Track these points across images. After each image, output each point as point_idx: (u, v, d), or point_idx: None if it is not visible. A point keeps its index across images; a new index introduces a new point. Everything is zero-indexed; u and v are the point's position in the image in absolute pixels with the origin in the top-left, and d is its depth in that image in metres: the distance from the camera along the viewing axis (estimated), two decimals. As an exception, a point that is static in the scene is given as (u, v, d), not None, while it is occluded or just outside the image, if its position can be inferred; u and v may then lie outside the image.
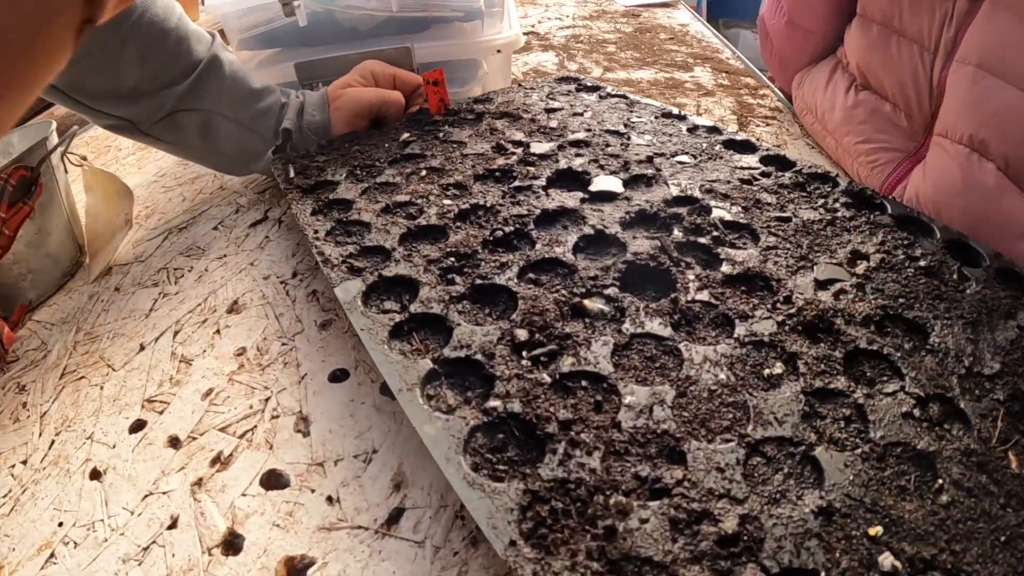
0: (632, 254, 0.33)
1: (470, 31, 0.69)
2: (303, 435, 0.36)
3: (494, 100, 0.61)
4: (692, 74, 0.89)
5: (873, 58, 0.55)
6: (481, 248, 0.35)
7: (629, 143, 0.47)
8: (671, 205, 0.38)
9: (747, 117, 0.73)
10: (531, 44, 1.14)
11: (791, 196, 0.40)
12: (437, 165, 0.46)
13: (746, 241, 0.35)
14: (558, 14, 1.43)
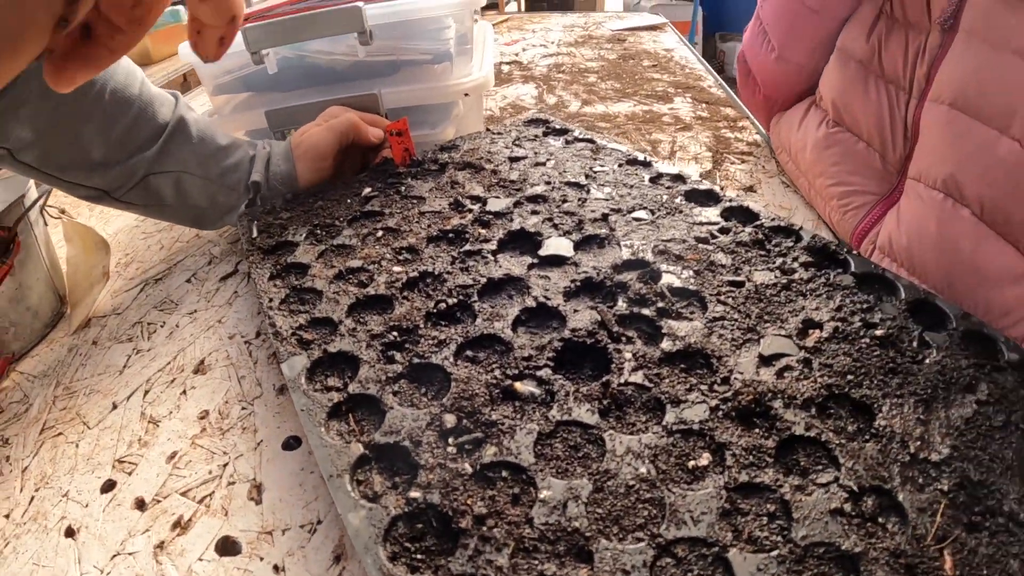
0: (570, 330, 0.33)
1: (440, 73, 0.69)
2: (255, 503, 0.36)
3: (460, 148, 0.61)
4: (671, 106, 0.89)
5: (849, 95, 0.54)
6: (423, 322, 0.35)
7: (587, 197, 0.47)
8: (620, 270, 0.37)
9: (723, 153, 0.72)
10: (512, 75, 1.14)
11: (748, 255, 0.39)
12: (393, 225, 0.46)
13: (694, 310, 0.35)
14: (544, 40, 1.43)
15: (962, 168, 0.44)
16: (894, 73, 0.51)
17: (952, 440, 0.27)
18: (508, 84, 1.07)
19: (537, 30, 1.56)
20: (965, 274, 0.43)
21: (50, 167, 0.50)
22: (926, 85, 0.49)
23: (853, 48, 0.55)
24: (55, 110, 0.48)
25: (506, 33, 1.56)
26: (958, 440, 0.27)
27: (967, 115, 0.44)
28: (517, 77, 1.12)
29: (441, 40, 0.68)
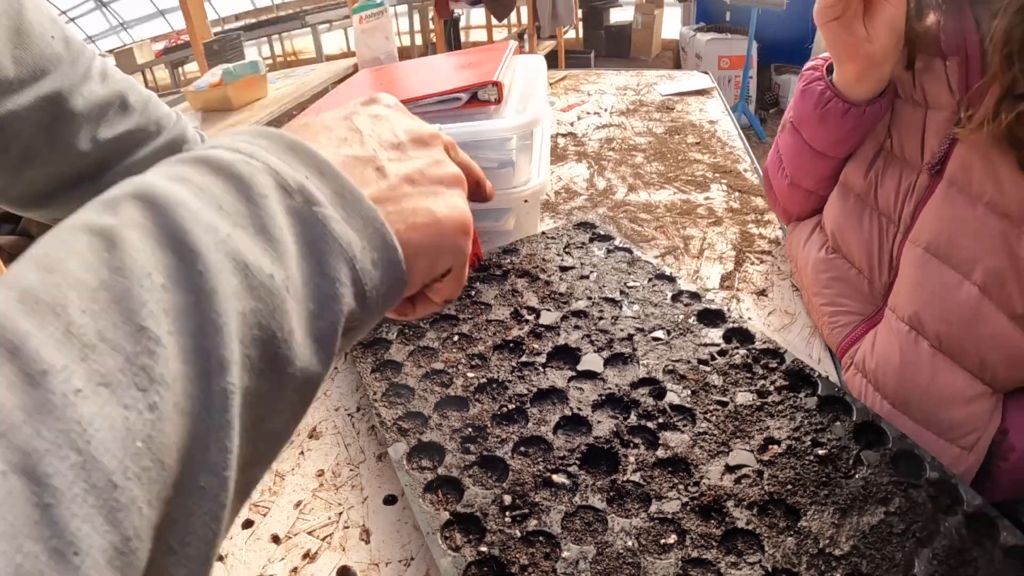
0: (594, 437, 0.49)
1: (503, 177, 0.86)
2: (365, 542, 0.52)
3: (519, 252, 0.78)
4: (708, 195, 1.04)
5: (846, 225, 0.68)
6: (490, 422, 0.51)
7: (619, 314, 0.63)
8: (636, 387, 0.53)
9: (745, 252, 0.87)
10: (567, 151, 1.31)
11: (736, 377, 0.54)
12: (466, 331, 0.63)
13: (686, 424, 0.50)
14: (598, 106, 1.59)
15: (926, 306, 0.57)
16: (886, 207, 0.64)
17: (855, 541, 0.41)
18: (563, 163, 1.24)
19: (592, 92, 1.73)
20: (922, 397, 0.57)
21: None
22: (911, 223, 0.61)
23: (853, 183, 0.69)
24: None
25: (563, 96, 1.74)
26: (860, 541, 0.41)
27: (937, 259, 0.56)
28: (571, 154, 1.28)
29: (505, 151, 0.85)
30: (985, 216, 0.53)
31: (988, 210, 0.53)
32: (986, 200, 0.53)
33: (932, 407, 0.56)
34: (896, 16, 0.58)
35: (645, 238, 0.92)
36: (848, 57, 0.62)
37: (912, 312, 0.57)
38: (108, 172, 0.56)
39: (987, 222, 0.53)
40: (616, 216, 0.99)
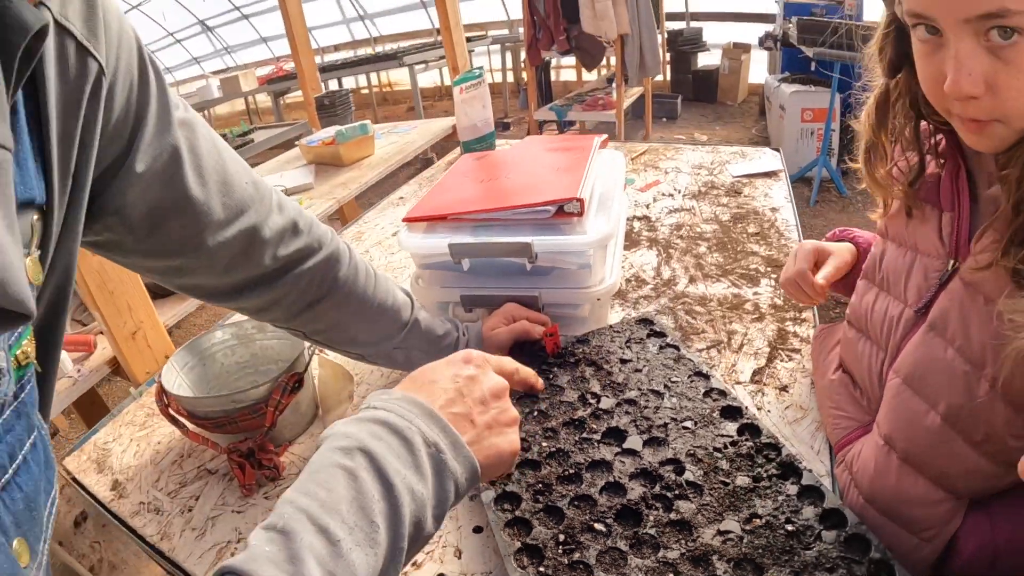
0: (627, 499, 0.72)
1: (581, 276, 1.11)
2: (457, 558, 0.77)
3: (590, 343, 1.02)
4: (756, 290, 1.25)
5: (849, 352, 0.88)
6: (555, 481, 0.75)
7: (661, 404, 0.86)
8: (663, 464, 0.76)
9: (778, 350, 1.08)
10: (640, 236, 1.54)
11: (740, 464, 0.76)
12: (544, 408, 0.87)
13: (695, 496, 0.72)
14: (673, 186, 1.83)
15: (897, 428, 0.71)
16: (876, 337, 0.80)
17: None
18: (636, 249, 1.48)
19: (669, 170, 1.97)
20: (890, 497, 0.75)
21: (332, 343, 0.94)
22: (896, 354, 0.75)
23: (852, 312, 0.88)
24: (347, 319, 0.91)
25: (643, 172, 1.98)
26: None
27: (911, 389, 0.70)
28: (644, 240, 1.52)
29: (584, 257, 1.10)
30: (954, 359, 0.66)
31: (957, 354, 0.66)
32: (957, 345, 0.66)
33: (897, 506, 0.74)
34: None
35: (696, 331, 1.14)
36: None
37: (887, 431, 0.74)
38: (283, 278, 0.81)
39: (955, 364, 0.66)
40: (675, 308, 1.22)
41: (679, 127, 6.39)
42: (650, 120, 5.94)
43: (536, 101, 5.57)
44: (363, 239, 1.78)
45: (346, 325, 0.90)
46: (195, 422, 0.95)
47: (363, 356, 0.97)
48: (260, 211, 0.75)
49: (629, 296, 1.28)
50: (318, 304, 0.85)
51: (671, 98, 6.70)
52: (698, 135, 6.02)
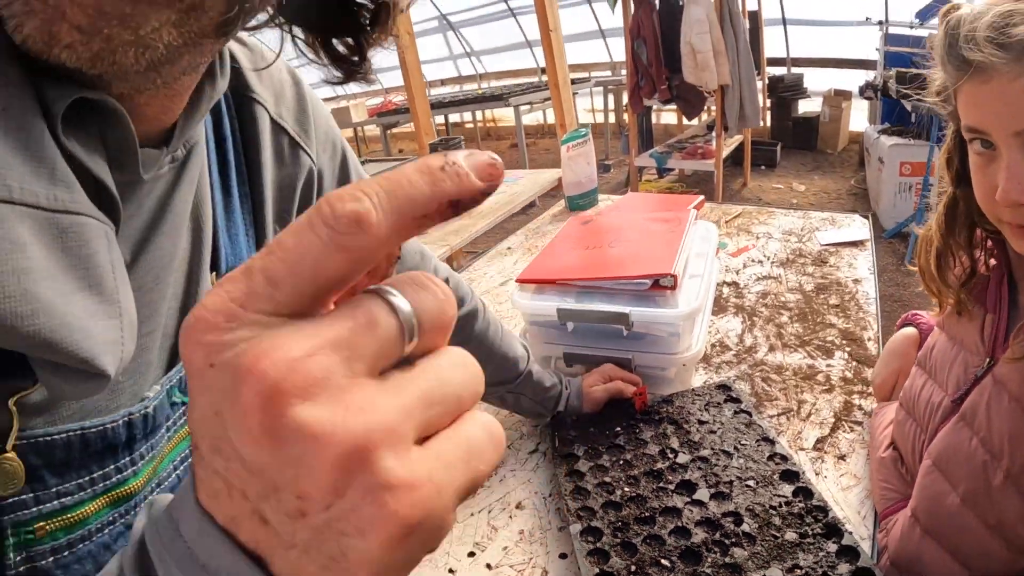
0: (691, 542, 0.87)
1: (670, 343, 1.26)
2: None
3: (673, 403, 1.17)
4: (829, 362, 1.36)
5: (898, 431, 1.00)
6: (633, 522, 0.91)
7: (729, 464, 1.01)
8: (724, 516, 0.91)
9: (842, 421, 1.19)
10: (728, 302, 1.67)
11: (790, 522, 0.90)
12: (629, 458, 1.03)
13: (748, 545, 0.87)
14: (763, 253, 1.95)
15: (922, 505, 0.81)
16: (922, 420, 0.91)
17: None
18: (723, 315, 1.62)
19: (761, 235, 2.09)
20: (912, 563, 0.87)
21: None
22: (932, 437, 0.85)
23: (903, 394, 1.00)
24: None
25: (735, 236, 2.11)
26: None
27: (938, 471, 0.80)
28: (731, 306, 1.65)
29: (674, 327, 1.25)
30: (976, 448, 0.75)
31: (980, 444, 0.75)
32: (981, 436, 0.75)
33: (918, 571, 0.87)
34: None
35: (770, 397, 1.27)
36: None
37: (915, 506, 0.86)
38: None
39: (977, 453, 0.75)
40: (753, 375, 1.35)
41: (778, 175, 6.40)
42: (748, 168, 5.99)
43: (637, 147, 5.73)
44: (474, 285, 1.99)
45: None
46: None
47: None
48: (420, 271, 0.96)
49: (713, 360, 1.43)
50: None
51: (771, 145, 6.71)
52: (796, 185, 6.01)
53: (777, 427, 1.17)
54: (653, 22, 5.09)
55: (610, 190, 6.63)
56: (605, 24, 8.52)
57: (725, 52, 4.78)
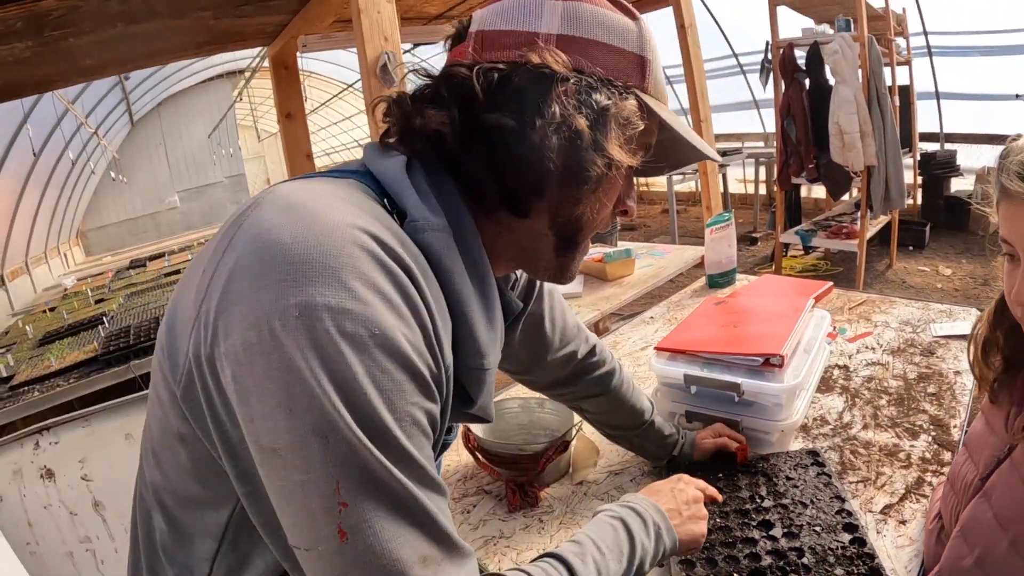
0: (759, 564, 1.13)
1: (772, 411, 1.52)
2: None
3: (768, 460, 1.44)
4: (913, 444, 1.54)
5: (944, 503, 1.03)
6: (718, 544, 1.19)
7: (803, 512, 1.26)
8: (790, 550, 1.16)
9: (912, 493, 1.39)
10: (835, 383, 1.89)
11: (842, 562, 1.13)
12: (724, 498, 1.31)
13: (804, 573, 1.12)
14: (878, 340, 2.12)
15: (944, 566, 0.91)
16: (959, 493, 0.98)
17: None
18: (828, 393, 1.83)
19: (879, 323, 2.26)
20: None
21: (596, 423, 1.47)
22: (963, 509, 0.93)
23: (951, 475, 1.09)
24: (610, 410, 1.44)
25: (855, 323, 2.30)
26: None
27: (962, 538, 0.88)
28: (837, 387, 1.87)
29: (778, 399, 1.51)
30: (992, 521, 0.85)
31: (993, 515, 0.85)
32: (995, 510, 0.85)
33: None
34: None
35: (853, 467, 1.50)
36: None
37: (940, 566, 0.95)
38: (581, 379, 1.37)
39: (991, 525, 0.85)
40: (843, 447, 1.58)
41: (925, 257, 6.23)
42: (895, 249, 5.91)
43: (783, 223, 5.84)
44: (617, 347, 2.31)
45: (608, 414, 1.44)
46: (486, 456, 1.51)
47: (612, 437, 1.50)
48: (577, 342, 1.34)
49: (811, 431, 1.66)
50: (595, 397, 1.40)
51: (920, 225, 6.53)
52: (943, 268, 5.85)
53: (853, 492, 1.40)
54: (803, 101, 5.24)
55: (756, 263, 6.73)
56: (759, 95, 8.65)
57: (872, 133, 4.84)
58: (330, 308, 0.57)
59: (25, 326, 4.50)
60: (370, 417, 0.58)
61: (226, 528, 0.71)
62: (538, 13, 0.73)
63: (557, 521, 1.42)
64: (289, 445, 0.57)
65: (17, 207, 7.58)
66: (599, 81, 0.73)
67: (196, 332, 0.62)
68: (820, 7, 5.52)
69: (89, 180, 11.66)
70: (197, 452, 0.68)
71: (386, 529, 0.58)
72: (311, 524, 0.58)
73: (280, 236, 0.59)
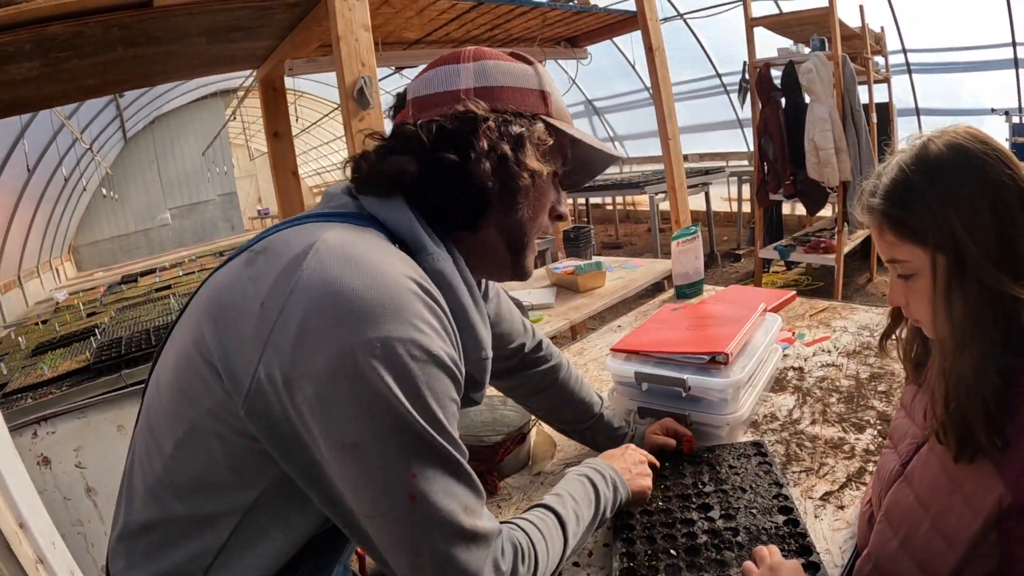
0: (696, 542, 1.20)
1: (719, 406, 1.59)
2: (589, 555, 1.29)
3: (714, 451, 1.51)
4: (859, 437, 1.60)
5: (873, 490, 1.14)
6: (658, 524, 1.26)
7: (742, 496, 1.33)
8: (726, 530, 1.23)
9: (853, 481, 1.46)
10: (788, 383, 1.96)
11: (775, 540, 1.21)
12: (668, 484, 1.38)
13: (737, 551, 1.18)
14: (834, 345, 2.18)
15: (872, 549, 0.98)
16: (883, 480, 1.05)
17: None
18: (780, 393, 1.90)
19: (838, 328, 2.34)
20: None
21: (547, 419, 1.55)
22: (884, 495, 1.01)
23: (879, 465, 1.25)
24: (560, 404, 1.51)
25: (815, 328, 2.38)
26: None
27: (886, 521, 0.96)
28: (790, 387, 1.94)
29: (724, 393, 1.58)
30: (912, 502, 0.92)
31: (914, 498, 0.92)
32: (915, 494, 0.92)
33: None
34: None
35: (797, 459, 1.56)
36: None
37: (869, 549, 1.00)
38: (526, 371, 1.46)
39: (914, 506, 0.92)
40: (790, 440, 1.64)
41: (906, 270, 6.33)
42: (875, 263, 6.03)
43: (762, 239, 5.94)
44: (584, 353, 2.39)
45: (558, 409, 1.52)
46: None
47: (565, 431, 1.57)
48: (524, 337, 1.43)
49: (761, 427, 1.73)
50: (544, 391, 1.48)
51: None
52: (924, 280, 5.94)
53: (796, 480, 1.46)
54: (779, 119, 5.35)
55: (739, 279, 6.83)
56: (743, 114, 8.80)
57: (847, 149, 4.96)
58: (402, 340, 0.76)
59: (18, 337, 4.54)
60: (428, 410, 0.78)
61: (252, 505, 0.84)
62: (455, 76, 0.95)
63: (514, 507, 1.49)
64: (372, 440, 0.76)
65: (11, 222, 7.65)
66: (512, 115, 0.93)
67: (267, 357, 0.77)
68: (797, 28, 5.65)
69: (81, 197, 11.72)
70: (234, 447, 0.82)
71: (442, 488, 0.79)
72: (386, 496, 0.77)
73: (352, 283, 0.77)
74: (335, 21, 2.19)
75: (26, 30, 2.06)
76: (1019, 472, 0.80)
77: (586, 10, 3.30)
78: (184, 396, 0.84)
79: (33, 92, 2.92)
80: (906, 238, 0.89)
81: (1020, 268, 0.83)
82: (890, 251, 0.92)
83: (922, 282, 0.90)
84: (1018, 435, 0.81)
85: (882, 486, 1.07)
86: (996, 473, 0.82)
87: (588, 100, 11.12)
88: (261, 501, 0.84)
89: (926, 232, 0.87)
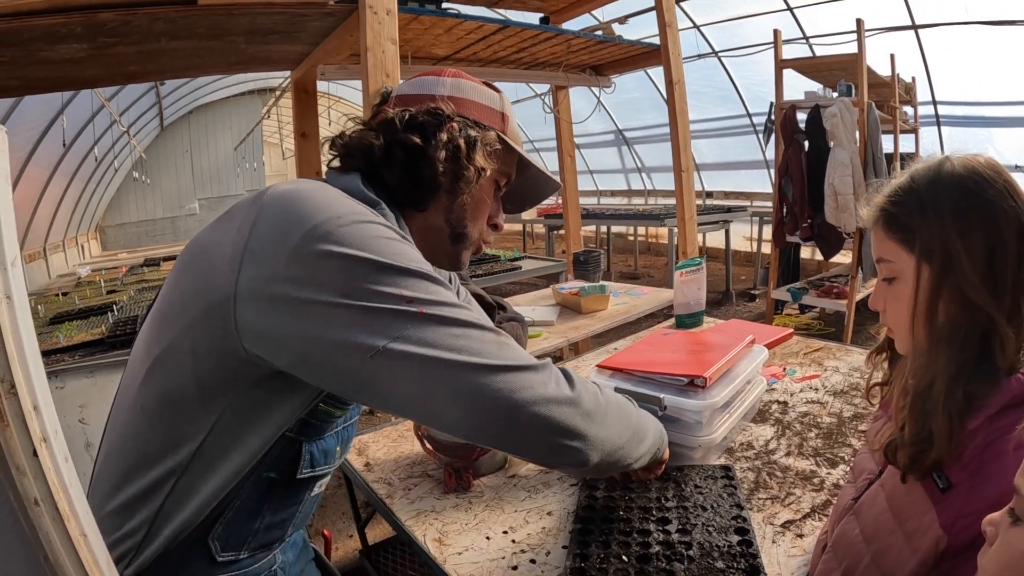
0: (649, 551, 1.26)
1: (693, 428, 1.65)
2: (546, 554, 1.35)
3: (683, 470, 1.56)
4: (830, 471, 1.63)
5: (830, 521, 1.31)
6: (616, 532, 1.32)
7: (702, 514, 1.38)
8: (680, 543, 1.29)
9: (816, 512, 1.51)
10: (770, 416, 2.01)
11: (725, 558, 1.27)
12: (632, 496, 1.43)
13: (687, 564, 1.24)
14: (823, 383, 2.21)
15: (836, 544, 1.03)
16: (838, 512, 1.09)
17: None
18: (762, 424, 1.95)
19: (830, 368, 2.38)
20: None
21: None
22: (859, 499, 1.01)
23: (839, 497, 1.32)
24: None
25: (807, 366, 2.42)
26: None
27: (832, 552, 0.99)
28: (772, 419, 1.98)
29: (698, 416, 1.64)
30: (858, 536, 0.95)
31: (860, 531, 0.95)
32: (860, 528, 0.95)
33: None
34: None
35: (765, 486, 1.60)
36: None
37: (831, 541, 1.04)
38: None
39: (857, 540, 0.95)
40: (762, 468, 1.69)
41: (917, 321, 6.30)
42: (887, 314, 6.01)
43: (776, 280, 5.96)
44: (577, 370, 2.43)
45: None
46: (433, 444, 1.65)
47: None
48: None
49: (735, 453, 1.78)
50: None
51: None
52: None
53: (760, 506, 1.51)
54: (801, 161, 5.39)
55: (751, 319, 6.83)
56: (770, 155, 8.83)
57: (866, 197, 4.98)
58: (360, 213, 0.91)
59: (37, 306, 4.70)
60: (396, 252, 0.91)
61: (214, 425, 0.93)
62: (436, 84, 1.13)
63: (484, 504, 1.55)
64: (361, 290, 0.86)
65: (42, 194, 7.86)
66: (473, 122, 1.11)
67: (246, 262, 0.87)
68: (827, 72, 5.72)
69: (113, 178, 12.00)
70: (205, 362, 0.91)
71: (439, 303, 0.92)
72: (385, 328, 0.87)
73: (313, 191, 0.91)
74: (364, 32, 2.33)
75: (80, 14, 2.22)
76: (956, 515, 0.81)
77: (610, 40, 3.39)
78: (165, 320, 0.96)
79: (77, 72, 3.09)
80: (896, 236, 0.91)
81: (1001, 292, 0.83)
82: (879, 248, 0.94)
83: (903, 287, 0.91)
84: (960, 477, 0.83)
85: (836, 518, 1.09)
86: (934, 514, 0.83)
87: (619, 129, 11.22)
88: (223, 419, 0.93)
89: (918, 234, 0.88)
